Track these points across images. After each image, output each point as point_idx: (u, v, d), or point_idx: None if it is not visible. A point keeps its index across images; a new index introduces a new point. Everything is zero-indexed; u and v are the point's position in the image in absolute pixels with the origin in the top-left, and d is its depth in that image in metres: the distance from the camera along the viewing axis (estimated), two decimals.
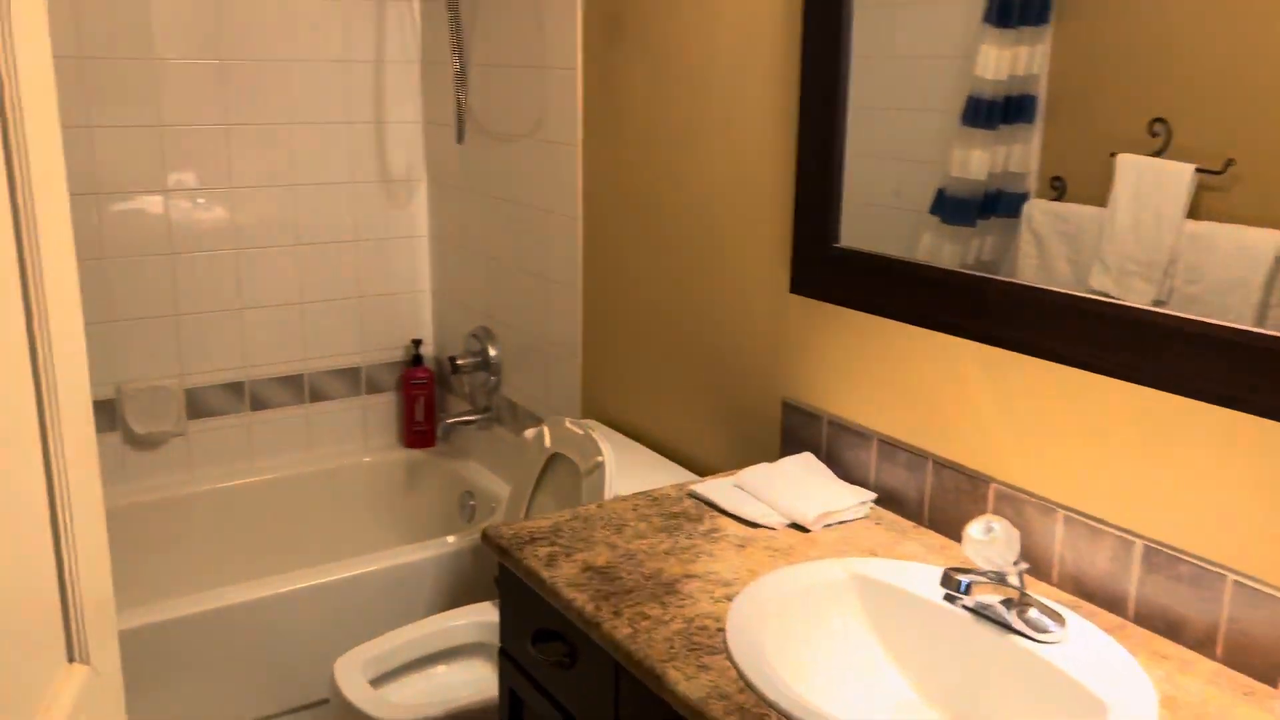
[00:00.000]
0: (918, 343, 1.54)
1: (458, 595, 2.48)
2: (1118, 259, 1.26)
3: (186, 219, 2.63)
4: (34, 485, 0.78)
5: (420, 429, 3.02)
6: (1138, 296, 1.24)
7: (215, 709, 2.22)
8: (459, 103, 2.60)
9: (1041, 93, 1.34)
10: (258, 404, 2.82)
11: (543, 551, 1.44)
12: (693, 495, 1.64)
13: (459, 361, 2.73)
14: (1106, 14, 1.25)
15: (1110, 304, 1.26)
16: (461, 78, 2.59)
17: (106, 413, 2.61)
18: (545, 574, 1.38)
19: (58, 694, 0.80)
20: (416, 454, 3.01)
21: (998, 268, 1.41)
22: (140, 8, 2.47)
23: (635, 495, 1.64)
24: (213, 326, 2.72)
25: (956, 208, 1.46)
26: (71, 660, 0.84)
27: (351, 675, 1.92)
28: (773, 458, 1.84)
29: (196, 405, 2.73)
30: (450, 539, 2.47)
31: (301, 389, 2.88)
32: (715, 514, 1.58)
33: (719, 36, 1.84)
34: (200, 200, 2.64)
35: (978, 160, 1.42)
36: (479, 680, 2.07)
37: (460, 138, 2.63)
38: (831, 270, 1.64)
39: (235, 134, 2.65)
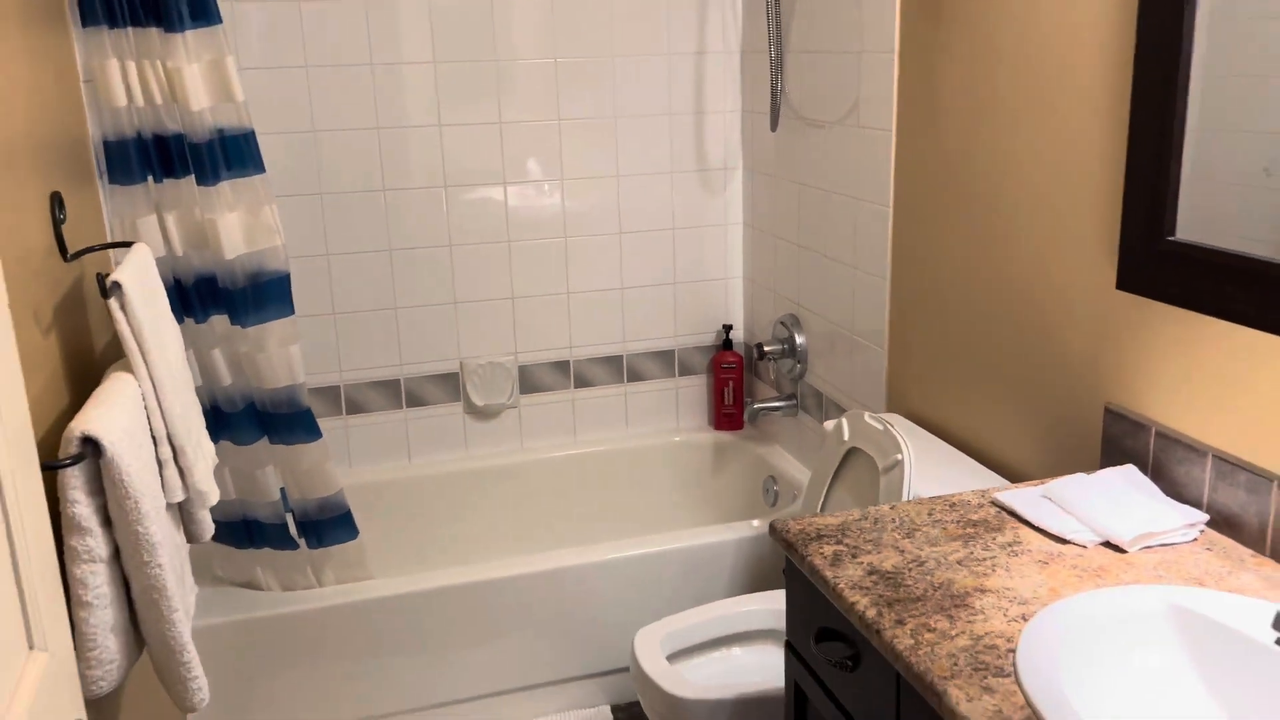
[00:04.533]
0: (1270, 351, 1.36)
1: (755, 578, 2.52)
2: None
3: (522, 210, 2.85)
4: None
5: (729, 412, 3.08)
6: None
7: (523, 666, 2.41)
8: (774, 90, 2.60)
9: None
10: (580, 382, 3.01)
11: (828, 550, 1.43)
12: (995, 503, 1.56)
13: (766, 349, 2.75)
14: None
15: None
16: (778, 65, 2.59)
17: (451, 385, 2.89)
18: (829, 573, 1.37)
19: (22, 678, 0.90)
20: (724, 436, 3.08)
21: None
22: (485, 12, 2.70)
23: (932, 499, 1.58)
24: (542, 309, 2.93)
25: None
26: (31, 648, 0.95)
27: (651, 649, 2.01)
28: (1090, 468, 1.70)
29: (527, 381, 2.96)
30: (754, 523, 2.51)
31: (620, 369, 3.04)
32: (1018, 525, 1.49)
33: (1043, 10, 1.71)
34: (534, 192, 2.85)
35: None
36: (769, 666, 2.09)
37: (774, 125, 2.64)
38: (1165, 266, 1.48)
39: (566, 129, 2.83)
